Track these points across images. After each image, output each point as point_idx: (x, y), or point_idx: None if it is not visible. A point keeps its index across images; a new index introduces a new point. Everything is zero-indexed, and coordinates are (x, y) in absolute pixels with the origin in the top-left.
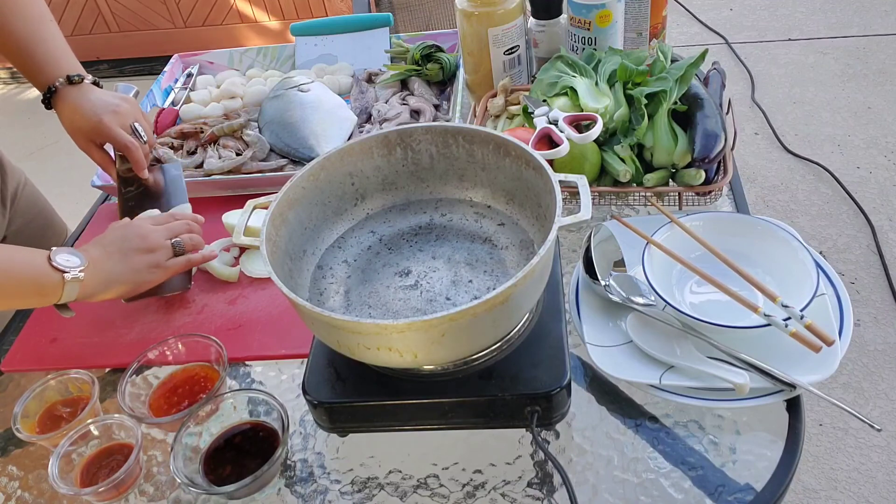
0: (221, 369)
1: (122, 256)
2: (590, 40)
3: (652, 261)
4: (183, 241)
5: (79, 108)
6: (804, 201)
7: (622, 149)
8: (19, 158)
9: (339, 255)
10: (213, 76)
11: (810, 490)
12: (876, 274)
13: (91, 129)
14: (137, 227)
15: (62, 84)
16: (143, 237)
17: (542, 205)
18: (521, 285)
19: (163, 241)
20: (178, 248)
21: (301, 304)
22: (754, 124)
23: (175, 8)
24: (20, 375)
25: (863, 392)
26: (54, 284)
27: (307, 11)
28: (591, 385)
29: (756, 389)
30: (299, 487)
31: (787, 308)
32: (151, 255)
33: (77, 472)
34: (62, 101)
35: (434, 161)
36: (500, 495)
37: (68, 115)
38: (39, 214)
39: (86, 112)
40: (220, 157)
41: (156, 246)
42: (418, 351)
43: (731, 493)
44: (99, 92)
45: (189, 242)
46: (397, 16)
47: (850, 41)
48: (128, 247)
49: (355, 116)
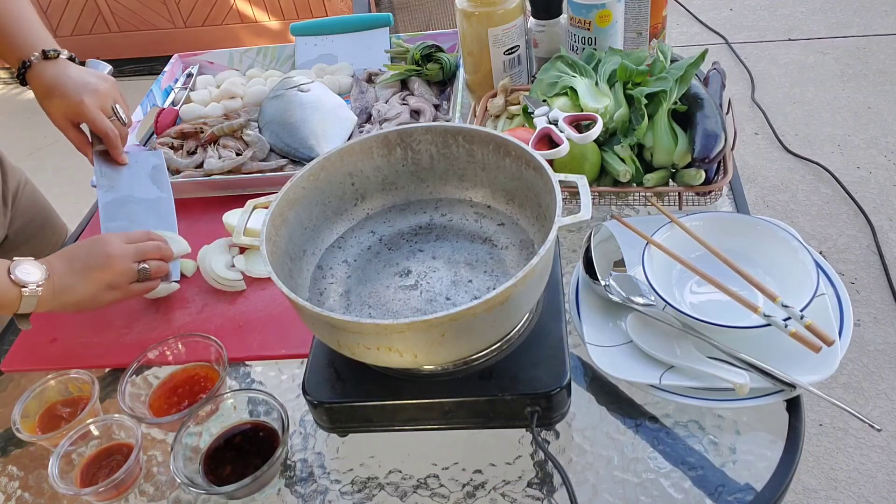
0: (221, 369)
1: (85, 274)
2: (590, 40)
3: (652, 261)
4: (150, 267)
5: (57, 85)
6: (804, 201)
7: (622, 149)
8: (19, 158)
9: (339, 255)
10: (213, 76)
11: (810, 490)
12: (876, 274)
13: (70, 109)
14: (105, 245)
15: (37, 59)
16: (108, 256)
17: (542, 205)
18: (521, 285)
19: (128, 264)
20: (142, 274)
21: (301, 304)
22: (754, 124)
23: (175, 8)
24: (20, 375)
25: (863, 392)
26: (12, 298)
27: (307, 11)
28: (591, 385)
29: (756, 389)
30: (299, 487)
31: (787, 308)
32: (113, 276)
33: (77, 472)
34: (38, 77)
35: (434, 161)
36: (500, 495)
37: (45, 92)
38: (40, 214)
39: (65, 90)
40: (220, 157)
41: (120, 269)
42: (418, 351)
43: (731, 493)
44: (76, 69)
45: (156, 270)
46: (397, 16)
47: (850, 41)
48: (92, 264)
49: (355, 116)
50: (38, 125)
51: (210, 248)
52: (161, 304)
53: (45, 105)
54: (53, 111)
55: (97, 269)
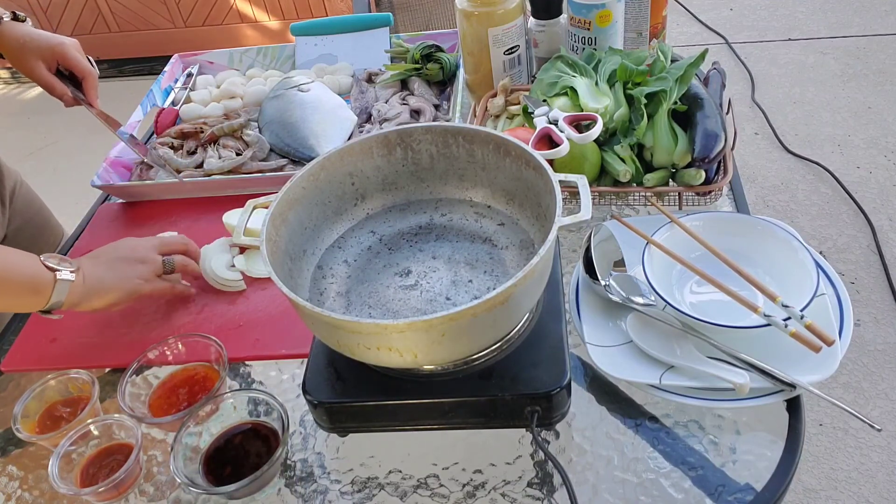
0: (221, 369)
1: (111, 265)
2: (590, 40)
3: (652, 261)
4: (175, 260)
5: (32, 37)
6: (804, 201)
7: (622, 149)
8: (19, 158)
9: (339, 255)
10: (213, 76)
11: (810, 490)
12: (876, 274)
13: (48, 49)
14: (129, 239)
15: (8, 18)
16: (133, 248)
17: (542, 205)
18: (521, 285)
19: (153, 254)
20: (168, 265)
21: (301, 304)
22: (754, 124)
23: (175, 8)
24: (20, 375)
25: (863, 392)
26: (45, 283)
27: (307, 11)
28: (591, 385)
29: (756, 389)
30: (299, 487)
31: (787, 308)
32: (141, 265)
33: (77, 472)
34: (9, 33)
35: (434, 161)
36: (500, 495)
37: (19, 45)
38: (37, 214)
39: (41, 38)
40: (220, 157)
41: (145, 258)
42: (418, 351)
43: (731, 493)
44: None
45: (181, 263)
46: (397, 16)
47: (850, 41)
48: (117, 255)
49: (355, 116)
50: (37, 125)
51: (211, 247)
52: (161, 304)
53: (21, 57)
54: (31, 59)
55: (123, 259)
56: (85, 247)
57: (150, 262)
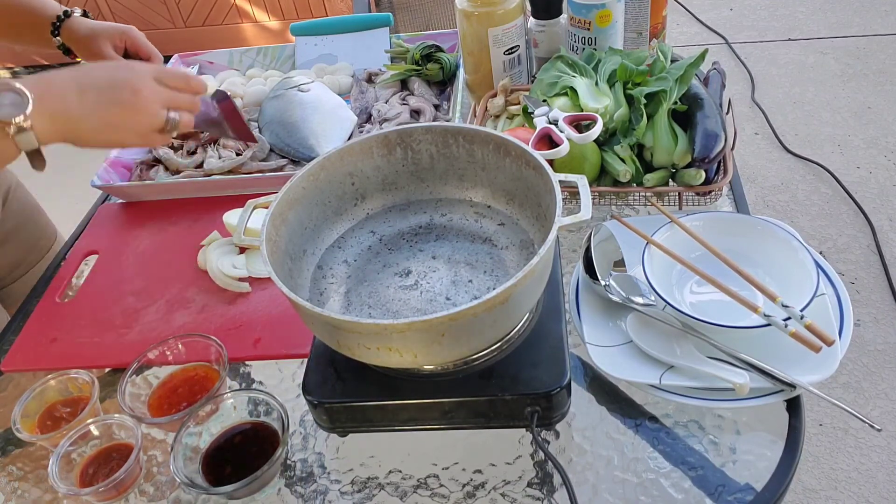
0: (221, 369)
1: (98, 109)
2: (590, 40)
3: (652, 261)
4: (180, 119)
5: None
6: (804, 201)
7: (622, 149)
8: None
9: (339, 255)
10: (214, 76)
11: (810, 490)
12: (876, 274)
13: (118, 34)
14: (133, 79)
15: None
16: (136, 92)
17: (542, 205)
18: (521, 285)
19: (157, 108)
20: (170, 124)
21: (301, 304)
22: (754, 124)
23: (175, 8)
24: (20, 375)
25: (863, 392)
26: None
27: (307, 11)
28: (591, 385)
29: (756, 389)
30: (299, 487)
31: (787, 308)
32: (135, 116)
33: (77, 472)
34: (78, 26)
35: (434, 161)
36: (500, 495)
37: (89, 29)
38: (31, 216)
39: (109, 25)
40: (220, 157)
41: (145, 110)
42: (418, 351)
43: (731, 493)
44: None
45: (185, 124)
46: (397, 16)
47: (850, 41)
48: (111, 97)
49: (355, 116)
50: None
51: (216, 245)
52: (161, 304)
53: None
54: (102, 43)
55: (117, 105)
56: (85, 247)
57: (150, 118)
